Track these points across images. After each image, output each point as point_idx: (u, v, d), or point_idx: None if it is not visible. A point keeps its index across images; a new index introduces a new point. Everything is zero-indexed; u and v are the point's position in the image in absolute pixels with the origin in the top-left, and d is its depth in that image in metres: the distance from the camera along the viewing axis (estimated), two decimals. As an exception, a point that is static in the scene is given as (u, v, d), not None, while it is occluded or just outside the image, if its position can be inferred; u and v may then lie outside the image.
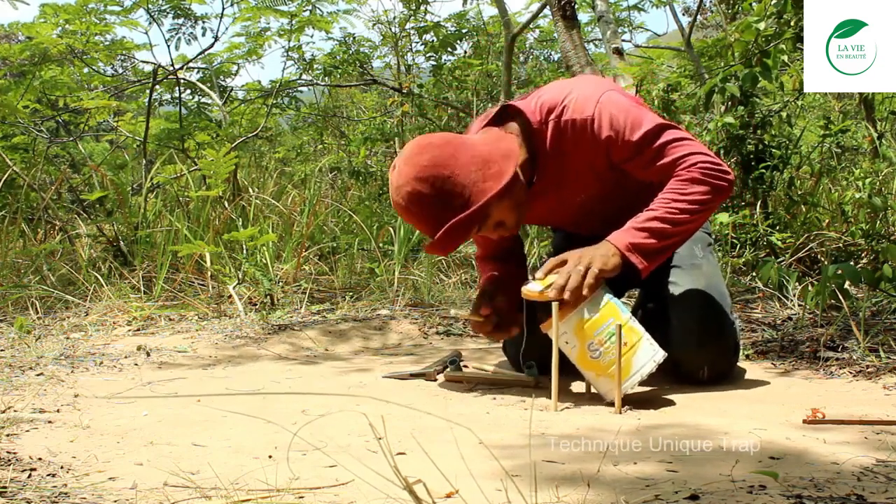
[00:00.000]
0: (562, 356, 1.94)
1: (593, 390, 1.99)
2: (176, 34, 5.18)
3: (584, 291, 1.88)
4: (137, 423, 1.82)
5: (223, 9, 4.94)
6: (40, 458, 1.54)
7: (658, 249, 1.94)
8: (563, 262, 1.94)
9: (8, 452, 1.56)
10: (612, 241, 1.93)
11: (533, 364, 2.14)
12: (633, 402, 1.92)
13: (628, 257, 1.91)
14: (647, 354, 1.90)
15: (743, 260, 3.29)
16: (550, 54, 7.51)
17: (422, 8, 6.05)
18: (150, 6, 4.94)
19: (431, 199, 1.89)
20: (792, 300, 2.87)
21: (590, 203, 2.15)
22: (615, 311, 1.90)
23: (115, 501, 1.33)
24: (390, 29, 6.39)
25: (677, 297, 2.13)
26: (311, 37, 9.10)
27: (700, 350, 2.06)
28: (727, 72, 2.98)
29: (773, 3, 2.79)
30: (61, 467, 1.49)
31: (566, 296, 1.87)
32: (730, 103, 3.53)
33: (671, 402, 1.95)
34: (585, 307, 1.89)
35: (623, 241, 1.92)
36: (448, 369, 2.27)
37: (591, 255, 1.92)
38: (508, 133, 2.02)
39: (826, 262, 3.15)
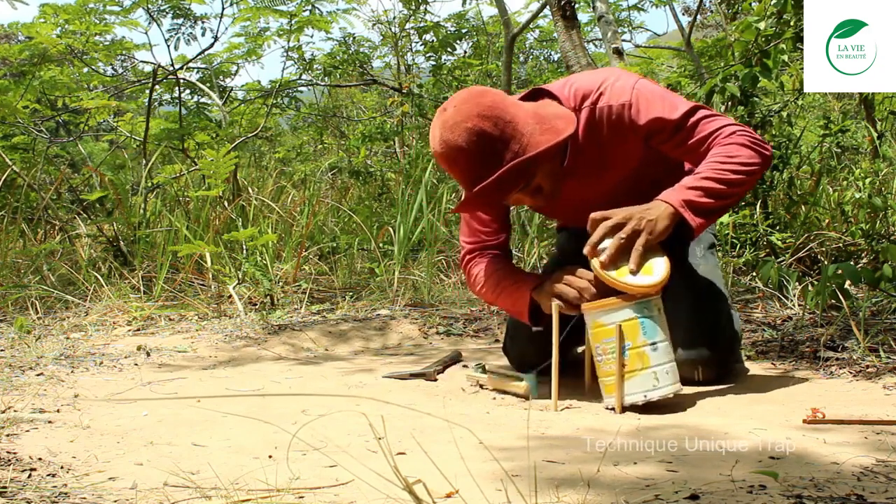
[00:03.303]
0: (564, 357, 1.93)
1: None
2: (175, 34, 5.18)
3: (635, 257, 1.83)
4: (137, 423, 1.82)
5: (223, 9, 4.94)
6: (40, 458, 1.54)
7: (711, 209, 1.89)
8: (607, 219, 1.88)
9: (8, 452, 1.56)
10: (665, 199, 1.88)
11: (532, 373, 2.08)
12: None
13: (682, 213, 1.86)
14: (642, 386, 1.85)
15: (743, 260, 3.29)
16: (550, 54, 7.51)
17: (421, 8, 6.06)
18: (149, 6, 4.94)
19: (492, 138, 1.84)
20: (792, 300, 2.87)
21: (611, 195, 2.14)
22: (634, 332, 1.85)
23: (115, 501, 1.33)
24: (390, 29, 6.40)
25: (669, 297, 2.12)
26: (311, 37, 9.11)
27: (691, 351, 2.06)
28: (727, 72, 2.98)
29: (773, 3, 2.79)
30: (61, 467, 1.49)
31: (595, 263, 1.84)
32: (730, 103, 3.53)
33: (671, 402, 1.95)
34: (614, 311, 1.86)
35: (677, 198, 1.88)
36: (473, 371, 2.22)
37: (642, 215, 1.86)
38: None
39: (826, 262, 3.15)
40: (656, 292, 1.87)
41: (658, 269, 1.87)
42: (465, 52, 6.48)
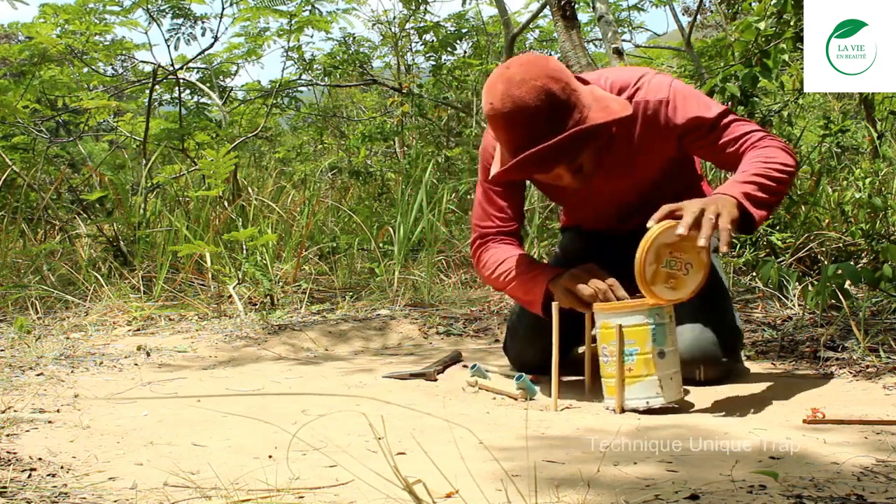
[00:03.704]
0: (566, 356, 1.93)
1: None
2: (175, 34, 5.18)
3: (723, 237, 1.77)
4: (137, 423, 1.82)
5: (223, 9, 4.94)
6: (40, 458, 1.54)
7: (766, 203, 1.87)
8: (680, 209, 1.82)
9: (8, 452, 1.56)
10: (725, 192, 1.84)
11: (523, 375, 2.07)
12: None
13: (745, 206, 1.82)
14: (645, 393, 1.85)
15: (743, 260, 3.29)
16: (550, 54, 7.51)
17: (421, 8, 6.06)
18: (149, 6, 4.94)
19: (559, 101, 1.81)
20: (792, 300, 2.87)
21: (631, 196, 2.15)
22: (643, 338, 1.85)
23: (115, 501, 1.33)
24: (390, 29, 6.40)
25: None
26: (311, 37, 9.10)
27: (695, 350, 2.06)
28: (727, 72, 2.98)
29: (773, 3, 2.79)
30: (61, 467, 1.49)
31: (701, 242, 1.75)
32: (730, 103, 3.53)
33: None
34: (626, 315, 1.85)
35: (736, 191, 1.84)
36: (473, 373, 2.20)
37: (714, 203, 1.80)
38: None
39: (826, 262, 3.14)
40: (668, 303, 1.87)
41: (690, 285, 1.86)
42: (465, 52, 6.48)
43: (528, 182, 2.29)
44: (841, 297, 2.41)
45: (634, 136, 2.01)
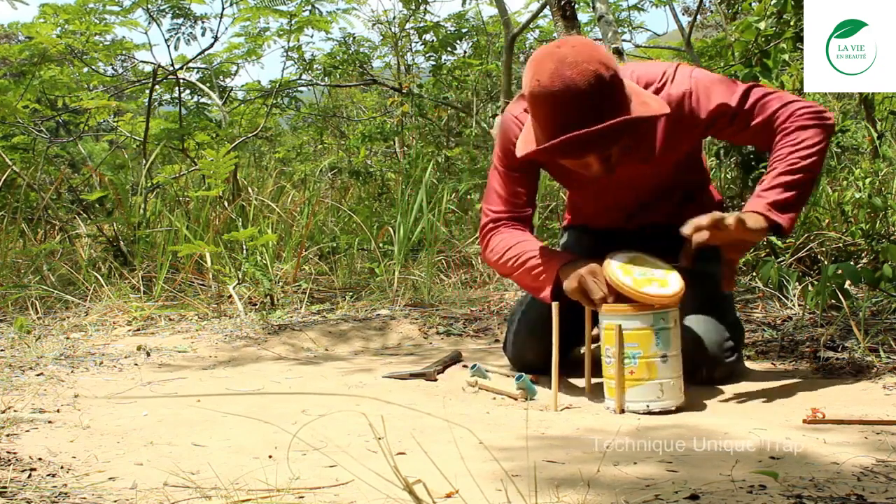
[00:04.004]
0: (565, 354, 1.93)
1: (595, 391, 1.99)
2: (175, 34, 5.18)
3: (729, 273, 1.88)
4: (137, 423, 1.82)
5: (223, 9, 4.94)
6: (40, 458, 1.54)
7: (794, 201, 1.91)
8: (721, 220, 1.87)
9: (8, 452, 1.56)
10: (752, 209, 1.88)
11: (523, 375, 2.07)
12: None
13: (771, 218, 1.87)
14: (645, 396, 1.85)
15: (743, 260, 3.29)
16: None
17: (421, 8, 6.06)
18: (149, 6, 4.93)
19: (609, 87, 1.80)
20: (792, 300, 2.87)
21: (647, 186, 2.16)
22: (647, 342, 1.85)
23: (115, 501, 1.33)
24: (390, 29, 6.40)
25: None
26: (311, 37, 9.09)
27: (698, 350, 2.06)
28: (727, 72, 2.98)
29: (773, 3, 2.80)
30: (61, 467, 1.49)
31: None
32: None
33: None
34: (632, 317, 1.85)
35: (760, 204, 1.88)
36: (473, 374, 2.20)
37: (742, 225, 1.85)
38: None
39: (826, 262, 3.14)
40: (674, 304, 1.88)
41: (673, 282, 1.88)
42: (465, 52, 6.48)
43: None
44: (841, 297, 2.41)
45: (660, 130, 2.02)
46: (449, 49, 6.16)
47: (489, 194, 2.19)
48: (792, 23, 2.77)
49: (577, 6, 3.82)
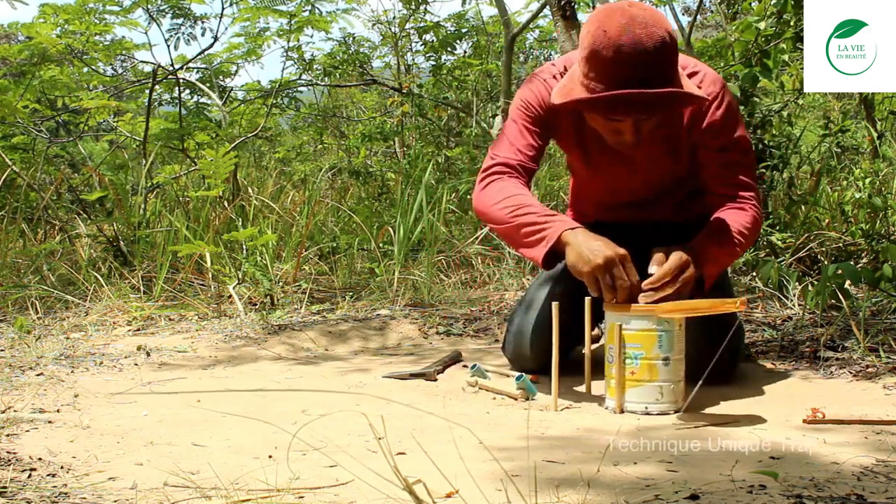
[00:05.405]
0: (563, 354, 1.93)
1: (595, 392, 1.99)
2: (175, 34, 5.17)
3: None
4: (137, 423, 1.82)
5: (222, 9, 4.93)
6: (40, 458, 1.54)
7: (724, 261, 2.06)
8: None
9: (8, 452, 1.56)
10: (703, 272, 1.95)
11: (523, 375, 2.06)
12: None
13: (704, 277, 1.97)
14: (644, 398, 1.85)
15: (743, 260, 3.29)
16: (550, 54, 7.50)
17: (421, 8, 6.05)
18: (149, 6, 4.93)
19: (671, 55, 1.83)
20: (792, 300, 2.87)
21: (650, 181, 2.19)
22: (650, 343, 1.85)
23: (115, 501, 1.33)
24: (390, 29, 6.39)
25: None
26: (311, 37, 9.07)
27: (700, 351, 2.06)
28: (727, 72, 2.98)
29: (773, 3, 2.79)
30: (61, 467, 1.49)
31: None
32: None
33: (671, 402, 1.94)
34: (637, 318, 1.86)
35: (712, 270, 1.98)
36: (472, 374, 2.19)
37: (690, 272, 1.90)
38: None
39: (826, 262, 3.15)
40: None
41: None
42: (465, 52, 6.47)
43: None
44: (841, 297, 2.41)
45: (667, 118, 2.03)
46: (449, 49, 6.16)
47: (499, 142, 2.13)
48: (792, 23, 2.77)
49: (577, 6, 3.81)
